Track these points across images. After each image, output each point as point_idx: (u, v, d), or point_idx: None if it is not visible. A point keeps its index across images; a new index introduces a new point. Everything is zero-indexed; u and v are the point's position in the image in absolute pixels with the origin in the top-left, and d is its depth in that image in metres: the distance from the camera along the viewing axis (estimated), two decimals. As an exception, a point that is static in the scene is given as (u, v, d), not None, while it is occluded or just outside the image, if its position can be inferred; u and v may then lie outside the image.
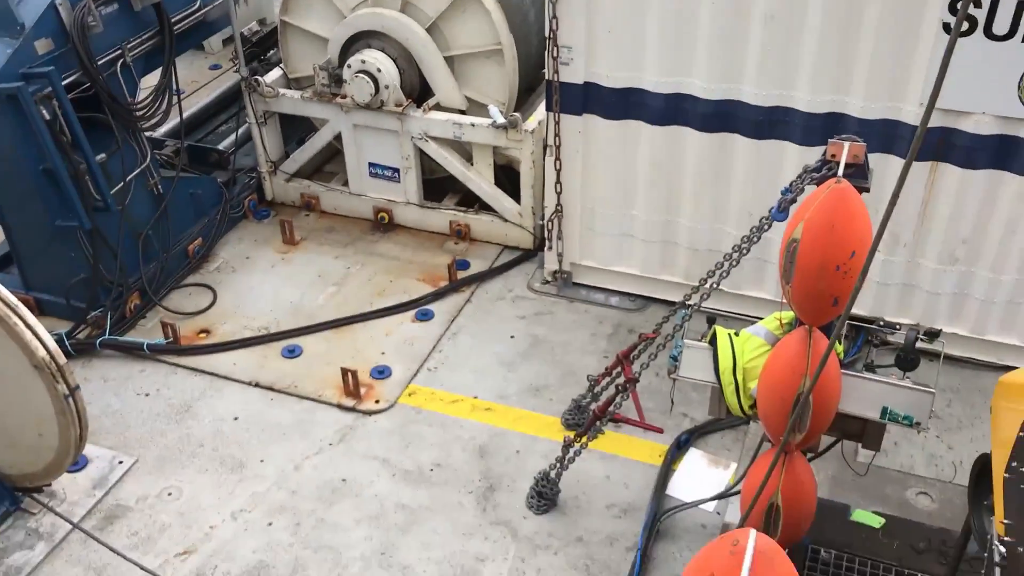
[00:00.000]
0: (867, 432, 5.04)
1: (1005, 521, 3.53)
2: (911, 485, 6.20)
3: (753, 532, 2.64)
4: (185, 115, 9.05)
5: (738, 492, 5.69)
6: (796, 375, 4.36)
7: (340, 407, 6.93)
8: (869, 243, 3.49)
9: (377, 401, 6.96)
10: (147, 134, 7.98)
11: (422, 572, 5.75)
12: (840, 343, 5.05)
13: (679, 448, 6.53)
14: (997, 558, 3.48)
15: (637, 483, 6.31)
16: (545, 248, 8.01)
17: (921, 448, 6.46)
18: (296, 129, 9.43)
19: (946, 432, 6.60)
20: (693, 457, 6.50)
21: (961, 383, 6.94)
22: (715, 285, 5.48)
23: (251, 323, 7.78)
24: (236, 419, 6.88)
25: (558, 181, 7.49)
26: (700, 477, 6.33)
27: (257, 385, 7.16)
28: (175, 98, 7.97)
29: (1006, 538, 3.45)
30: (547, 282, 8.15)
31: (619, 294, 7.99)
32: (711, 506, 6.03)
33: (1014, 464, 3.57)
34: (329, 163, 9.52)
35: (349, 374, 6.91)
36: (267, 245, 8.74)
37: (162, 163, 8.53)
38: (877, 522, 5.59)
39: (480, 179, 8.43)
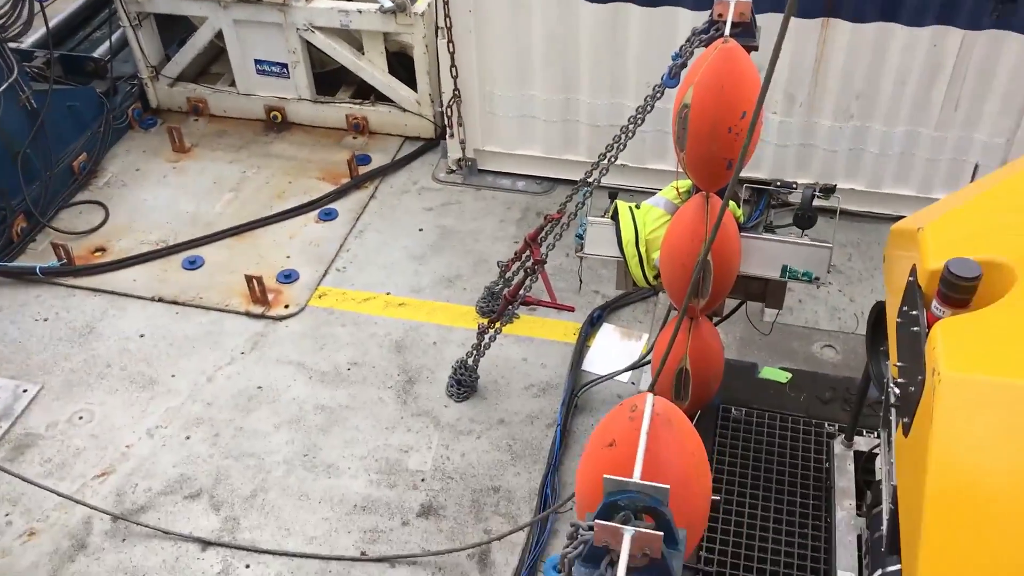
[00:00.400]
0: (769, 291, 5.15)
1: (898, 364, 3.64)
2: (816, 339, 6.40)
3: (650, 396, 2.66)
4: (52, 23, 8.45)
5: (649, 361, 5.81)
6: (695, 241, 4.39)
7: (248, 315, 6.79)
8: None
9: (286, 306, 6.83)
10: (11, 45, 7.44)
11: (347, 469, 5.77)
12: (740, 207, 5.08)
13: (592, 324, 6.60)
14: (892, 399, 3.60)
15: (554, 362, 6.38)
16: (447, 136, 7.83)
17: (824, 303, 6.66)
18: (175, 30, 8.90)
19: (847, 285, 6.80)
20: (606, 332, 6.59)
21: (861, 237, 7.12)
22: (613, 160, 5.44)
23: (148, 237, 7.50)
24: (142, 336, 6.69)
25: (453, 64, 7.27)
26: (614, 350, 6.43)
27: (160, 300, 6.95)
28: (37, 5, 7.42)
29: (899, 380, 3.56)
30: (452, 171, 8.01)
31: (525, 178, 7.92)
32: (626, 377, 6.15)
33: (905, 308, 3.67)
34: (214, 64, 9.08)
35: (254, 281, 6.75)
36: (157, 155, 8.36)
37: (33, 76, 7.98)
38: (784, 377, 5.78)
39: (373, 69, 8.14)
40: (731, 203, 4.92)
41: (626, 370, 6.13)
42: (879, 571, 3.81)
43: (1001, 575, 2.75)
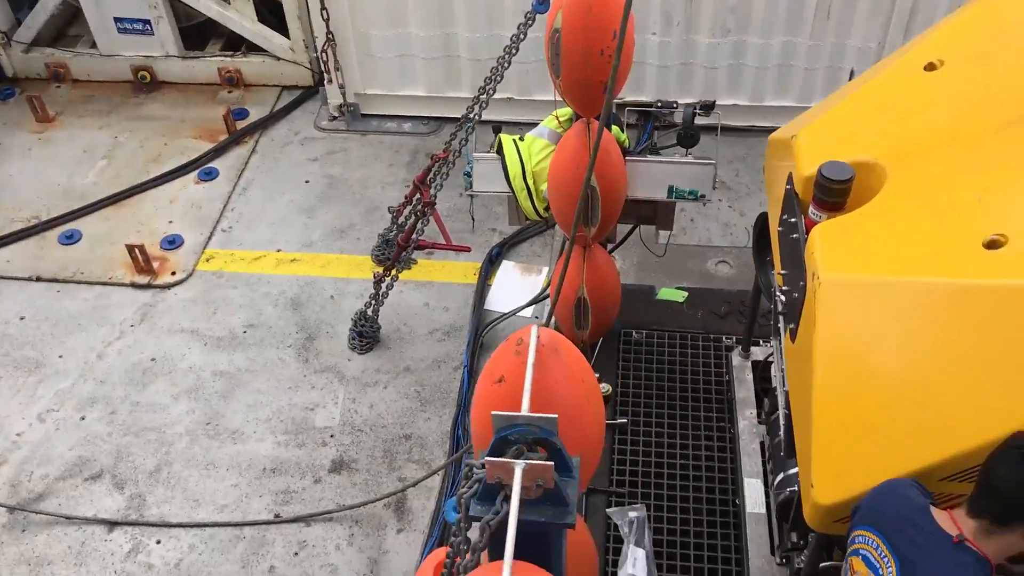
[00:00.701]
0: (659, 213, 5.17)
1: (782, 272, 3.69)
2: (710, 256, 6.48)
3: (535, 328, 2.62)
4: None
5: (548, 295, 5.80)
6: (580, 168, 4.34)
7: (134, 286, 6.52)
8: (629, 22, 3.40)
9: (173, 273, 6.58)
10: None
11: (252, 433, 5.64)
12: (624, 132, 5.05)
13: (491, 263, 6.55)
14: (779, 307, 3.66)
15: (456, 304, 6.32)
16: (325, 82, 7.59)
17: (716, 220, 6.74)
18: (23, -9, 8.38)
19: (737, 201, 6.89)
20: (506, 269, 6.55)
21: (747, 152, 7.19)
22: (492, 93, 5.33)
23: (18, 215, 7.10)
24: (23, 318, 6.37)
25: (323, 8, 7.00)
26: (516, 287, 6.40)
27: (39, 279, 6.61)
28: None
29: (784, 287, 3.62)
30: (335, 118, 7.79)
31: (411, 119, 7.75)
32: (528, 312, 6.14)
33: (784, 217, 3.72)
34: (72, 25, 8.58)
35: (136, 250, 6.48)
36: (19, 127, 7.90)
37: None
38: (681, 296, 5.85)
39: (241, 18, 7.80)
40: (615, 128, 4.90)
41: (528, 305, 6.12)
42: (781, 475, 3.93)
43: (887, 464, 2.84)
